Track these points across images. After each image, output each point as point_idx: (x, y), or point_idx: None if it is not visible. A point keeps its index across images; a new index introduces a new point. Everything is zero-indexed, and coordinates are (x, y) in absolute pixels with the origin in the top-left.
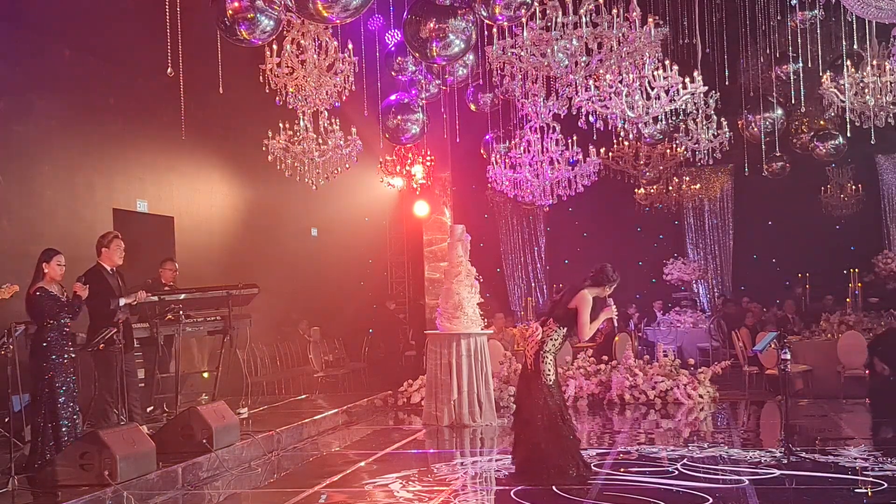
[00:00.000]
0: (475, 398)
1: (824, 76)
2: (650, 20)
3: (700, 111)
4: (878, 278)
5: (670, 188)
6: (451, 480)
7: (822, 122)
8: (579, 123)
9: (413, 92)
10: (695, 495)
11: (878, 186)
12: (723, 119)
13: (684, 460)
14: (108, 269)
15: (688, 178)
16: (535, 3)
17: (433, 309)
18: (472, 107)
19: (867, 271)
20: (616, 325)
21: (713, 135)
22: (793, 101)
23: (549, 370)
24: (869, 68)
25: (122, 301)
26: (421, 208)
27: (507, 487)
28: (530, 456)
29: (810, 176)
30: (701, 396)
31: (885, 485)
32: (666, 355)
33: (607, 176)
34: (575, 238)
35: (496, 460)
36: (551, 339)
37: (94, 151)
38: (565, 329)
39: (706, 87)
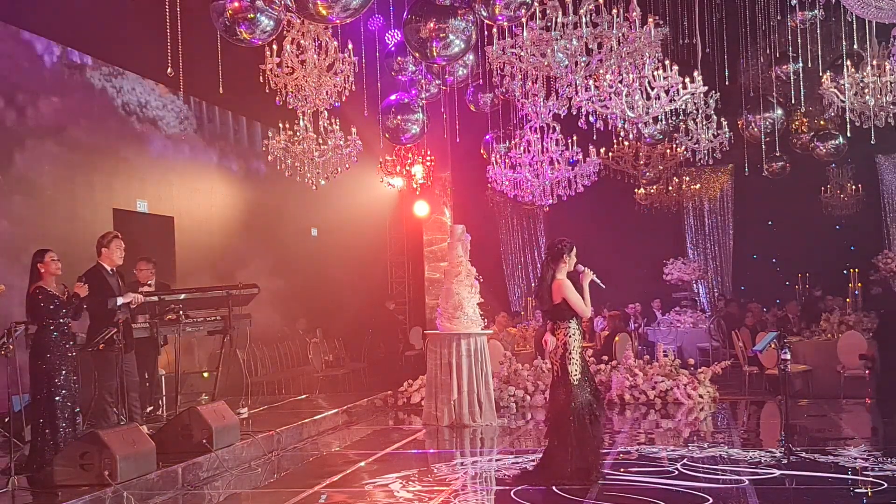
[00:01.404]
0: (475, 398)
1: (824, 76)
2: (650, 20)
3: (700, 111)
4: (879, 279)
5: (670, 188)
6: (451, 480)
7: (822, 122)
8: (579, 123)
9: (413, 92)
10: (695, 495)
11: (878, 186)
12: (723, 119)
13: (684, 460)
14: (108, 269)
15: (688, 178)
16: (535, 3)
17: (433, 309)
18: (472, 107)
19: (872, 270)
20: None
21: (713, 135)
22: (793, 101)
23: (575, 370)
24: (869, 68)
25: (120, 301)
26: (421, 208)
27: (507, 487)
28: (554, 455)
29: (810, 176)
30: (701, 396)
31: (885, 485)
32: (666, 355)
33: (607, 176)
34: (575, 238)
35: (496, 460)
36: (571, 338)
37: (94, 151)
38: (574, 319)
39: (706, 87)
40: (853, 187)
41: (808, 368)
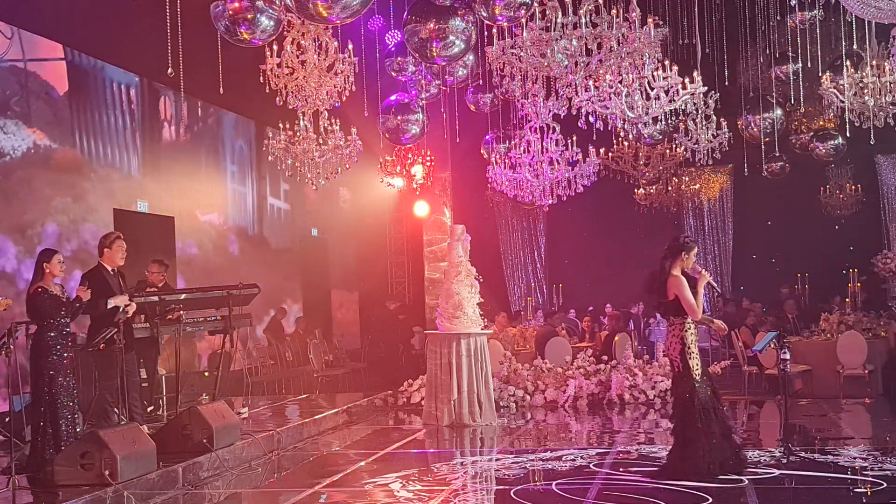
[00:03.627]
0: (475, 398)
1: (824, 76)
2: (650, 20)
3: (700, 111)
4: (878, 279)
5: (670, 188)
6: (451, 480)
7: (821, 123)
8: (579, 124)
9: (413, 92)
10: (695, 495)
11: (878, 186)
12: (722, 119)
13: None
14: (110, 269)
15: (687, 179)
16: (535, 4)
17: (433, 309)
18: (472, 107)
19: (865, 272)
20: (714, 292)
21: (713, 135)
22: (792, 102)
23: (696, 364)
24: (868, 69)
25: (111, 303)
26: (421, 208)
27: (507, 487)
28: (685, 452)
29: (810, 176)
30: None
31: (885, 484)
32: (666, 355)
33: (607, 176)
34: (575, 238)
35: (496, 460)
36: (687, 332)
37: (94, 151)
38: (687, 316)
39: (706, 88)
40: (852, 187)
41: (807, 368)
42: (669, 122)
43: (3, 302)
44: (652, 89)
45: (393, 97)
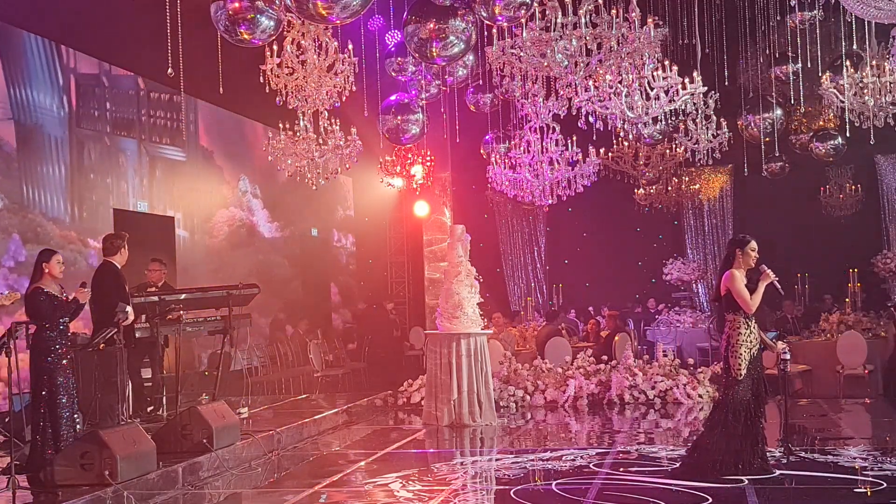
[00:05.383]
0: (475, 398)
1: (824, 77)
2: (650, 20)
3: (699, 111)
4: (878, 279)
5: (670, 188)
6: (451, 480)
7: (821, 123)
8: (579, 124)
9: (413, 92)
10: (695, 495)
11: (878, 187)
12: (722, 119)
13: None
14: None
15: (687, 179)
16: (535, 4)
17: (433, 309)
18: (472, 107)
19: (865, 272)
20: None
21: (713, 135)
22: (792, 102)
23: (740, 365)
24: (868, 69)
25: (129, 316)
26: (421, 208)
27: (507, 487)
28: (699, 445)
29: (810, 176)
30: (700, 396)
31: (885, 484)
32: (665, 355)
33: (607, 176)
34: (575, 238)
35: (496, 460)
36: (734, 332)
37: (94, 151)
38: (740, 313)
39: (706, 88)
40: (852, 187)
41: (807, 368)
42: (669, 122)
43: (9, 295)
44: (652, 89)
45: (393, 97)
